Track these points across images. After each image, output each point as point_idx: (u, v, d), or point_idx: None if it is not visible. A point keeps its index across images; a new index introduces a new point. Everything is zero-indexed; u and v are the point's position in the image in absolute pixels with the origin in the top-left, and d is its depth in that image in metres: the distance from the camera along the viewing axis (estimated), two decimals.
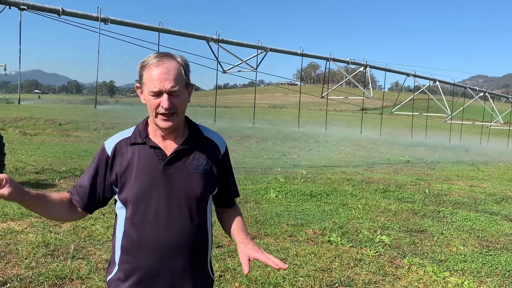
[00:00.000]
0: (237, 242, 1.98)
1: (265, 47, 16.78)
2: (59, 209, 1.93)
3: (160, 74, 1.83)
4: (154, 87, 1.83)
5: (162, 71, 1.83)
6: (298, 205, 8.94)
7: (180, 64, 1.89)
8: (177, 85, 1.85)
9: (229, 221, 2.13)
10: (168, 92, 1.84)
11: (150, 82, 1.85)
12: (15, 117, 30.49)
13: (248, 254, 1.88)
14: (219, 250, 5.77)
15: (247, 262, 1.85)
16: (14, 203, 7.70)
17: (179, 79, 1.86)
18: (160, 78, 1.82)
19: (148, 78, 1.85)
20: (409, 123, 26.97)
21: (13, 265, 5.01)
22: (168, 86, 1.83)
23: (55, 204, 1.91)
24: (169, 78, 1.83)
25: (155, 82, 1.83)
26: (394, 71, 21.70)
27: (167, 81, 1.83)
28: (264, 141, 28.63)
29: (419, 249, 6.39)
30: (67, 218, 2.01)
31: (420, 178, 14.26)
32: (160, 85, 1.83)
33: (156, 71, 1.83)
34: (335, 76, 75.17)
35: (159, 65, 1.84)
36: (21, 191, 1.75)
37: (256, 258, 1.87)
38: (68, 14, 12.16)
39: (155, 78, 1.83)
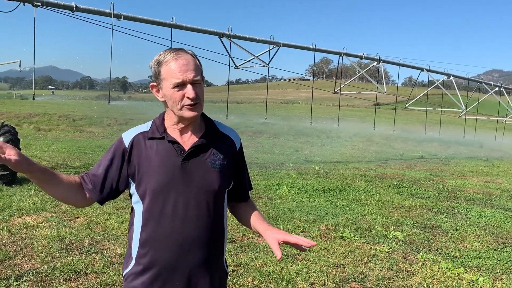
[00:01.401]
0: (262, 230, 2.01)
1: (277, 42, 16.72)
2: (66, 190, 1.94)
3: (181, 66, 1.85)
4: (177, 79, 1.85)
5: (182, 63, 1.86)
6: (311, 201, 8.92)
7: (194, 56, 1.93)
8: (198, 75, 1.89)
9: (246, 214, 2.16)
10: (192, 82, 1.86)
11: (171, 75, 1.86)
12: (29, 113, 30.83)
13: (277, 238, 1.91)
14: (232, 245, 5.78)
15: (277, 246, 1.88)
16: (29, 198, 7.80)
17: (198, 69, 1.90)
18: (182, 70, 1.85)
19: (168, 72, 1.87)
20: (422, 118, 26.71)
21: (29, 259, 5.07)
22: (190, 76, 1.86)
23: (62, 184, 1.92)
24: (190, 69, 1.86)
25: (177, 74, 1.85)
26: (408, 66, 21.49)
27: (189, 72, 1.86)
28: (276, 136, 28.58)
29: (433, 245, 6.34)
30: (72, 201, 2.01)
31: (434, 174, 14.14)
32: (183, 76, 1.85)
33: (176, 64, 1.86)
34: (347, 71, 74.82)
35: (177, 58, 1.87)
36: (27, 161, 1.78)
37: (285, 240, 1.89)
38: (82, 10, 12.22)
39: (176, 70, 1.85)
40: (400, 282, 4.92)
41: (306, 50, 17.99)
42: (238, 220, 2.22)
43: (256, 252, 5.57)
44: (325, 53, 19.69)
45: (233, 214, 2.25)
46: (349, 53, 18.83)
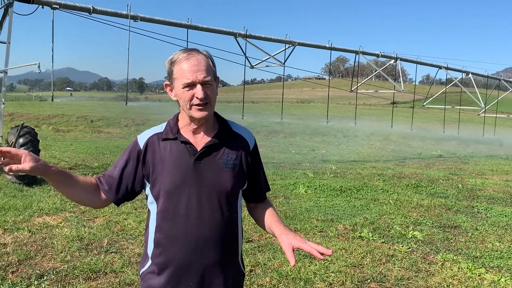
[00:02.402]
0: (277, 233, 1.98)
1: (293, 42, 16.67)
2: (83, 191, 1.97)
3: (192, 66, 1.87)
4: (187, 79, 1.87)
5: (193, 63, 1.88)
6: (328, 200, 8.87)
7: (207, 56, 1.94)
8: (209, 75, 1.90)
9: (263, 215, 2.14)
10: (201, 82, 1.88)
11: (182, 75, 1.88)
12: (48, 114, 31.26)
13: (291, 244, 1.87)
14: (249, 245, 5.78)
15: (292, 253, 1.84)
16: (49, 198, 7.91)
17: (209, 70, 1.91)
18: (193, 70, 1.87)
19: (180, 72, 1.89)
20: (441, 116, 26.39)
21: (49, 259, 5.14)
22: (200, 76, 1.87)
23: (79, 185, 1.95)
24: (201, 69, 1.88)
25: (187, 74, 1.87)
26: (426, 64, 21.25)
27: (199, 72, 1.87)
28: (292, 136, 28.51)
29: (453, 245, 6.26)
30: (89, 202, 2.03)
31: (453, 173, 13.96)
32: (193, 76, 1.87)
33: (187, 64, 1.88)
34: (364, 69, 74.27)
35: (189, 58, 1.89)
36: (45, 165, 1.80)
37: (299, 248, 1.86)
38: (99, 12, 12.34)
39: (187, 70, 1.87)
40: (420, 282, 4.87)
41: (322, 49, 17.90)
42: (255, 221, 2.21)
43: (274, 252, 5.56)
44: (341, 51, 19.56)
45: (251, 216, 2.25)
46: (366, 52, 18.68)
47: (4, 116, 10.77)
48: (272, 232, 2.04)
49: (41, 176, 1.82)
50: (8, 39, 10.58)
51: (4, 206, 7.29)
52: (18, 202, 7.59)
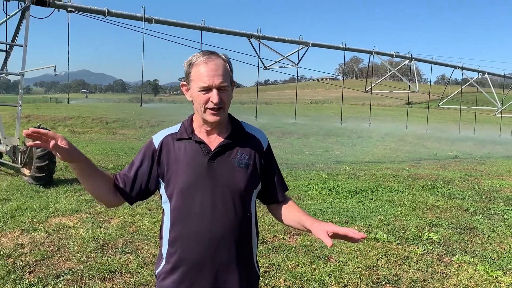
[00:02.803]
0: (308, 224, 1.97)
1: (306, 42, 16.64)
2: (103, 186, 1.99)
3: (209, 71, 1.89)
4: (204, 83, 1.89)
5: (211, 67, 1.90)
6: (342, 202, 8.84)
7: (225, 61, 1.96)
8: (225, 81, 1.92)
9: (288, 212, 2.14)
10: (217, 87, 1.90)
11: (199, 78, 1.91)
12: (64, 116, 31.59)
13: (325, 229, 1.86)
14: (263, 246, 5.78)
15: (327, 235, 1.83)
16: (65, 199, 8.00)
17: (226, 75, 1.93)
18: (210, 74, 1.89)
19: (197, 75, 1.91)
20: (456, 117, 26.13)
21: (66, 259, 5.20)
22: (217, 81, 1.89)
23: (102, 178, 1.98)
24: (218, 74, 1.90)
25: (204, 78, 1.89)
26: (441, 64, 21.03)
27: (216, 77, 1.89)
28: (305, 137, 28.44)
29: (469, 247, 6.18)
30: (106, 198, 2.03)
31: (469, 174, 13.79)
32: (210, 81, 1.89)
33: (205, 68, 1.90)
34: (378, 69, 73.87)
35: (208, 62, 1.90)
36: (77, 152, 1.84)
37: (334, 231, 1.84)
38: (114, 15, 12.46)
39: (204, 74, 1.89)
40: (436, 285, 4.82)
41: (336, 49, 17.83)
42: (281, 221, 2.20)
43: (288, 253, 5.55)
44: (356, 52, 19.45)
45: (276, 217, 2.23)
46: (380, 52, 18.56)
47: (21, 118, 10.91)
48: (303, 225, 2.02)
49: (72, 162, 1.84)
50: (25, 42, 10.72)
51: (21, 207, 7.39)
52: (35, 203, 7.69)
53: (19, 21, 11.28)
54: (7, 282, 4.48)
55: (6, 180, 10.01)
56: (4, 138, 10.14)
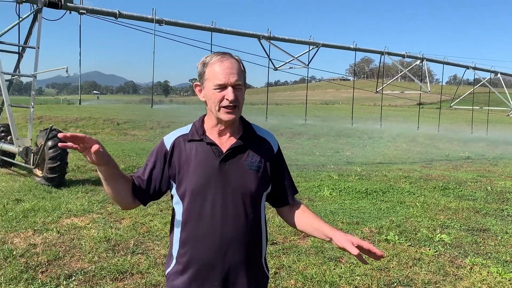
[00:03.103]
0: (329, 232, 2.00)
1: (317, 43, 16.60)
2: (125, 190, 2.01)
3: (225, 69, 1.91)
4: (220, 80, 1.91)
5: (227, 66, 1.92)
6: (353, 203, 8.79)
7: (239, 62, 1.98)
8: (240, 79, 1.94)
9: (304, 218, 2.15)
10: (233, 85, 1.91)
11: (214, 77, 1.92)
12: (76, 117, 31.83)
13: (351, 240, 1.89)
14: (274, 247, 5.77)
15: (352, 246, 1.86)
16: (77, 200, 8.06)
17: (241, 74, 1.95)
18: (226, 72, 1.91)
19: (212, 73, 1.93)
20: (468, 117, 25.88)
21: (77, 259, 5.23)
22: (233, 79, 1.91)
23: (124, 183, 2.00)
24: (233, 72, 1.92)
25: (220, 76, 1.91)
26: (453, 64, 20.86)
27: (232, 75, 1.91)
28: (316, 137, 28.36)
29: (481, 249, 6.12)
30: (124, 201, 2.04)
31: (482, 175, 13.65)
32: (226, 79, 1.90)
33: (220, 66, 1.92)
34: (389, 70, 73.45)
35: (223, 61, 1.93)
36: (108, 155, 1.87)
37: (360, 244, 1.87)
38: (125, 16, 12.53)
39: (220, 72, 1.91)
40: (448, 287, 4.78)
41: (347, 49, 17.76)
42: (293, 225, 2.20)
43: (298, 255, 5.54)
44: (366, 52, 19.38)
45: (287, 221, 2.23)
46: (391, 52, 18.46)
47: (34, 119, 11.02)
48: (323, 232, 2.03)
49: (102, 165, 1.85)
50: (37, 44, 10.83)
51: (33, 208, 7.46)
52: (47, 204, 7.76)
53: (32, 23, 11.39)
54: (19, 281, 4.52)
55: (19, 181, 10.11)
56: (17, 139, 10.24)
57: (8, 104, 10.44)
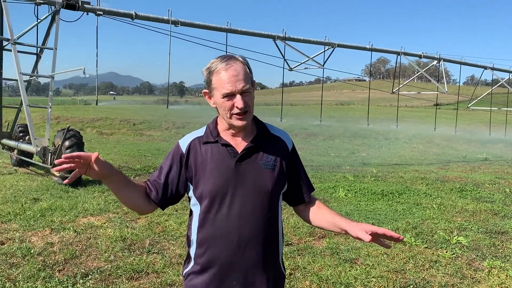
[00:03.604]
0: (344, 225, 1.99)
1: (332, 43, 16.53)
2: (137, 197, 2.02)
3: (231, 77, 1.89)
4: (227, 90, 1.89)
5: (232, 74, 1.90)
6: (369, 204, 8.73)
7: (244, 63, 1.96)
8: (247, 83, 1.92)
9: (319, 213, 2.15)
10: (241, 92, 1.90)
11: (221, 86, 1.91)
12: (92, 118, 32.17)
13: (365, 228, 1.88)
14: (289, 248, 5.76)
15: (366, 233, 1.86)
16: (93, 199, 8.14)
17: (247, 78, 1.93)
18: (232, 80, 1.89)
19: (219, 82, 1.92)
20: (486, 118, 25.55)
21: (94, 258, 5.28)
22: (240, 86, 1.90)
23: (134, 190, 2.01)
24: (239, 79, 1.90)
25: (227, 85, 1.89)
26: (470, 64, 20.60)
27: (238, 82, 1.89)
28: (331, 138, 28.26)
29: (500, 252, 6.03)
30: (139, 207, 2.05)
31: (500, 177, 13.45)
32: (232, 87, 1.89)
33: (226, 75, 1.90)
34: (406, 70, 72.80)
35: (227, 69, 1.90)
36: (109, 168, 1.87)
37: (374, 231, 1.86)
38: (141, 18, 12.63)
39: (226, 81, 1.89)
40: None
41: (362, 50, 17.66)
42: (309, 222, 2.20)
43: (313, 256, 5.52)
44: (382, 52, 19.21)
45: (304, 218, 2.23)
46: (408, 52, 18.29)
47: (51, 119, 11.15)
48: (338, 225, 2.03)
49: (106, 177, 1.87)
50: (55, 45, 10.97)
51: (51, 207, 7.55)
52: (64, 203, 7.85)
53: (50, 25, 11.56)
54: (37, 280, 4.58)
55: (37, 180, 10.25)
56: (35, 139, 10.38)
57: (26, 104, 10.59)
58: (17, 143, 11.65)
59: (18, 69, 10.58)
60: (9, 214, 7.07)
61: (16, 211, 7.22)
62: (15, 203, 7.83)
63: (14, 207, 7.47)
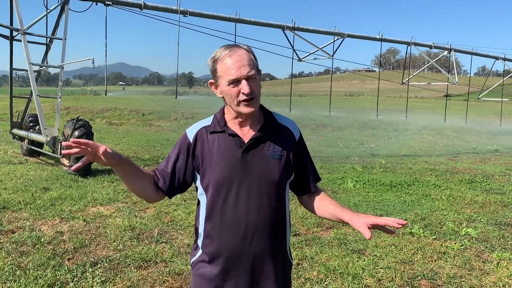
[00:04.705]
0: (347, 217, 1.98)
1: (342, 33, 16.40)
2: (146, 184, 2.02)
3: (235, 62, 1.89)
4: (232, 76, 1.89)
5: (236, 59, 1.89)
6: (377, 195, 8.71)
7: (248, 51, 1.95)
8: (252, 69, 1.91)
9: (322, 204, 2.15)
10: (246, 77, 1.89)
11: (226, 73, 1.90)
12: (102, 108, 32.33)
13: (366, 222, 1.88)
14: (296, 239, 5.77)
15: (367, 229, 1.85)
16: (103, 189, 8.20)
17: (252, 64, 1.92)
18: (236, 66, 1.88)
19: (224, 70, 1.91)
20: (497, 109, 25.32)
21: (103, 247, 5.33)
22: (245, 72, 1.88)
23: (144, 176, 2.01)
24: (244, 64, 1.89)
25: (232, 71, 1.89)
26: (481, 55, 20.36)
27: (243, 68, 1.88)
28: (340, 129, 28.17)
29: (509, 244, 5.98)
30: (148, 194, 2.06)
31: (510, 169, 13.33)
32: (238, 72, 1.88)
33: (230, 61, 1.89)
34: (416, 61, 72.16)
35: (231, 55, 1.90)
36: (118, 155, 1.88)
37: (375, 223, 1.86)
38: (150, 7, 12.61)
39: (231, 67, 1.89)
40: (473, 281, 4.69)
41: (372, 40, 17.51)
42: (313, 212, 2.21)
43: (321, 246, 5.52)
44: (392, 43, 19.02)
45: (308, 208, 2.24)
46: (418, 43, 18.10)
47: (61, 109, 11.22)
48: (340, 218, 2.03)
49: (114, 165, 1.88)
50: (64, 35, 11.00)
51: (61, 196, 7.62)
52: (73, 192, 7.91)
53: (59, 15, 11.57)
54: (47, 268, 4.63)
55: (47, 170, 10.34)
56: (45, 129, 10.45)
57: (36, 94, 10.65)
58: (27, 133, 11.74)
59: (28, 59, 10.62)
60: (20, 203, 7.15)
61: (26, 200, 7.29)
62: (26, 192, 7.91)
63: (24, 196, 7.55)
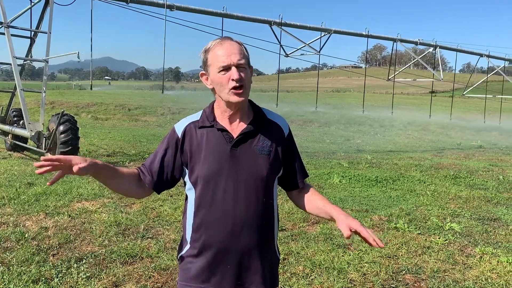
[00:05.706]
0: (335, 214, 2.00)
1: (329, 29, 16.45)
2: (128, 183, 2.02)
3: (226, 50, 1.91)
4: (222, 62, 1.90)
5: (227, 47, 1.92)
6: (363, 191, 8.77)
7: (240, 43, 1.98)
8: (243, 59, 1.93)
9: (311, 200, 2.16)
10: (236, 65, 1.91)
11: (217, 60, 1.92)
12: (87, 103, 32.03)
13: (350, 225, 1.89)
14: (282, 234, 5.79)
15: (348, 229, 1.87)
16: (88, 185, 8.14)
17: (243, 54, 1.95)
18: (227, 53, 1.91)
19: (214, 58, 1.93)
20: (481, 106, 25.60)
21: (88, 243, 5.29)
22: (235, 59, 1.90)
23: (124, 177, 2.00)
24: (234, 52, 1.92)
25: (222, 57, 1.91)
26: (466, 52, 20.61)
27: (233, 55, 1.91)
28: (327, 125, 28.29)
29: (492, 238, 6.08)
30: (133, 193, 2.06)
31: (494, 164, 13.54)
32: (228, 59, 1.90)
33: (221, 49, 1.92)
34: (402, 57, 72.66)
35: (223, 44, 1.94)
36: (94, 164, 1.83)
37: (358, 230, 1.87)
38: (136, 1, 12.52)
39: (221, 54, 1.91)
40: (457, 275, 4.76)
41: (359, 36, 17.60)
42: (302, 208, 2.22)
43: (307, 241, 5.55)
44: (379, 39, 19.17)
45: (296, 203, 2.25)
46: (404, 39, 18.25)
47: (46, 104, 11.10)
48: (328, 213, 2.05)
49: (92, 173, 1.85)
50: (49, 29, 10.87)
51: (45, 191, 7.54)
52: (58, 188, 7.83)
53: (43, 8, 11.42)
54: (31, 264, 4.59)
55: (31, 165, 10.22)
56: (29, 123, 10.33)
57: (20, 88, 10.52)
58: (11, 128, 11.60)
59: (12, 53, 10.49)
60: (3, 198, 7.06)
61: (10, 196, 7.21)
62: (10, 187, 7.81)
63: (8, 192, 7.46)
